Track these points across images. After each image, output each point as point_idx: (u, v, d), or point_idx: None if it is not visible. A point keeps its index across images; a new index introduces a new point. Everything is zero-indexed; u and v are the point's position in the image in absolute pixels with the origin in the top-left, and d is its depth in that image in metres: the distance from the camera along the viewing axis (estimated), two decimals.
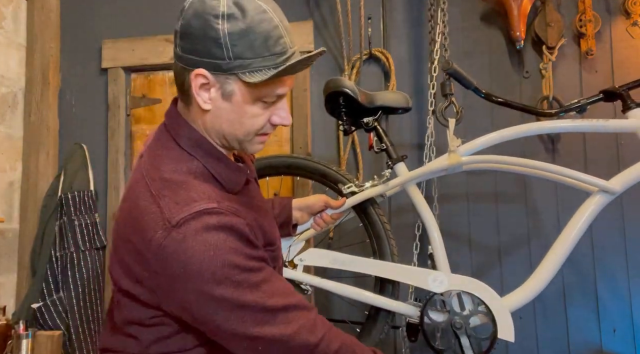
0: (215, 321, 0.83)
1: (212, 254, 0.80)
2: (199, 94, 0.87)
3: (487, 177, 1.93)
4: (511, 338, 1.30)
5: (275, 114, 0.93)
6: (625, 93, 1.35)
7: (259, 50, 0.84)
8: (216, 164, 0.93)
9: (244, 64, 0.84)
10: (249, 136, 0.92)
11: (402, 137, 2.02)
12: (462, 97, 1.96)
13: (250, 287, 0.83)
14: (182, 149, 0.92)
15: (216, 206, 0.84)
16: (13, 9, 2.22)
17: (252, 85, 0.86)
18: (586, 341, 1.79)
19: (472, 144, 1.40)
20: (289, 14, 2.11)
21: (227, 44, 0.83)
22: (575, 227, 1.35)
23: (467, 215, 1.94)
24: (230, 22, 0.82)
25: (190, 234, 0.80)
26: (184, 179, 0.88)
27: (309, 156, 2.06)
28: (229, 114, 0.90)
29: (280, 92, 0.91)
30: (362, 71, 2.06)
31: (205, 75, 0.85)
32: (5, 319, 1.99)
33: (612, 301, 1.77)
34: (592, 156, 1.85)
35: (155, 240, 0.81)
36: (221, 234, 0.82)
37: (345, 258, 1.45)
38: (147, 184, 0.88)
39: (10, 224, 2.15)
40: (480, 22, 2.00)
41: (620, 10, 1.87)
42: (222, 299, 0.81)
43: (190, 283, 0.81)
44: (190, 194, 0.85)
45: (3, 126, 2.14)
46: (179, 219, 0.81)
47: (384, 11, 2.08)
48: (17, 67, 2.23)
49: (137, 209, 0.86)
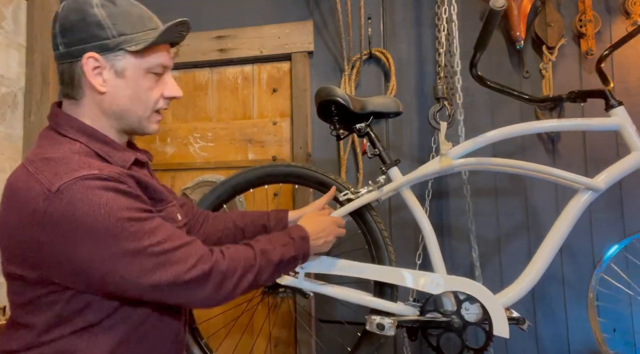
0: (117, 274, 0.85)
1: (102, 212, 0.83)
2: (94, 78, 0.94)
3: (487, 173, 1.94)
4: (506, 334, 1.35)
5: (166, 88, 1.02)
6: (608, 92, 1.40)
7: (137, 26, 0.96)
8: (101, 145, 0.96)
9: (128, 39, 0.94)
10: (147, 112, 1.00)
11: (402, 137, 2.02)
12: (463, 96, 1.96)
13: (145, 234, 0.87)
14: (63, 135, 0.95)
15: (97, 172, 0.86)
16: (13, 9, 2.22)
17: (139, 56, 0.95)
18: (586, 341, 1.79)
19: (462, 147, 1.45)
20: (289, 14, 2.14)
21: (108, 25, 0.93)
22: (562, 224, 1.39)
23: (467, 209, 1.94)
24: (105, 8, 0.93)
25: (74, 197, 0.82)
26: (65, 155, 0.89)
27: (308, 156, 2.07)
28: (126, 91, 0.97)
29: (164, 62, 1.00)
30: (362, 71, 2.06)
31: (95, 57, 0.93)
32: (5, 319, 1.99)
33: (612, 301, 1.77)
34: (592, 155, 1.85)
35: (39, 210, 0.82)
36: (108, 194, 0.85)
37: (345, 264, 1.48)
38: (24, 168, 0.89)
39: None
40: (481, 22, 2.00)
41: (620, 10, 1.87)
42: (121, 252, 0.84)
43: (85, 243, 0.83)
44: (70, 165, 0.86)
45: (3, 126, 2.14)
46: (59, 185, 0.82)
47: (384, 11, 2.08)
48: (17, 67, 2.23)
49: (15, 190, 0.87)
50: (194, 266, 0.91)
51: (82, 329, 0.90)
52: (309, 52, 2.10)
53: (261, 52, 2.13)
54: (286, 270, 1.15)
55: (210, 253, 0.98)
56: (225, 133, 2.17)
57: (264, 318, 2.07)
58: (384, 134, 2.02)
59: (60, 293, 0.88)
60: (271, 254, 1.09)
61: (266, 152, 2.13)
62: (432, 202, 1.91)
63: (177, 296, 0.91)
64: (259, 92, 2.19)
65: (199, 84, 2.25)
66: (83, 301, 0.89)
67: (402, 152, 2.01)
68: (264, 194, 2.11)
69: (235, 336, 2.08)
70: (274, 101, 2.17)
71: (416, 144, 2.00)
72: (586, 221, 1.84)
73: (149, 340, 0.97)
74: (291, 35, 2.10)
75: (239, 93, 2.21)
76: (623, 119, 1.38)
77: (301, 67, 2.10)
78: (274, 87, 2.17)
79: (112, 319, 0.92)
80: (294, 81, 2.11)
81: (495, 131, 1.43)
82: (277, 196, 2.12)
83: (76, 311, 0.90)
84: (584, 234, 1.83)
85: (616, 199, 1.82)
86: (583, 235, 1.83)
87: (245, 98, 2.20)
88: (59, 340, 0.89)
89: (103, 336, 0.91)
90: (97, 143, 0.96)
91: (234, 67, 2.22)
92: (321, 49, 2.12)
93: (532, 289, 1.83)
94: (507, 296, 1.39)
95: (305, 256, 1.20)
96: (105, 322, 0.91)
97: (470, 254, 1.83)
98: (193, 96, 2.24)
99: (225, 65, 2.22)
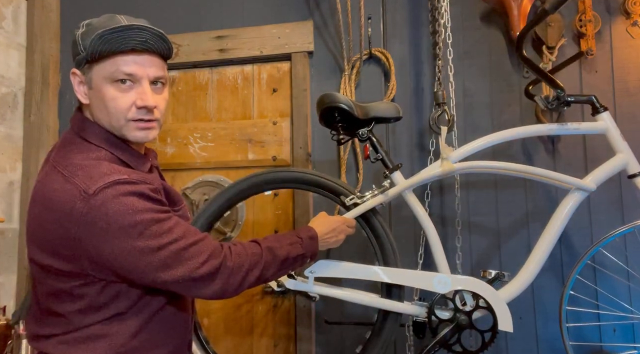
0: (140, 267, 0.96)
1: (130, 213, 0.93)
2: (78, 91, 1.05)
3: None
4: (510, 329, 1.43)
5: (138, 98, 1.03)
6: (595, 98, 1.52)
7: (100, 39, 0.99)
8: (123, 152, 1.05)
9: (93, 51, 0.99)
10: (119, 121, 1.03)
11: (402, 137, 2.02)
12: (462, 96, 1.97)
13: (165, 233, 0.97)
14: (90, 142, 1.04)
15: (127, 177, 0.97)
16: (13, 9, 2.22)
17: (99, 66, 1.00)
18: (586, 341, 1.79)
19: (462, 151, 1.53)
20: (289, 14, 2.14)
21: (79, 41, 1.02)
22: (556, 222, 1.50)
23: (466, 202, 1.94)
24: (81, 29, 1.04)
25: (108, 199, 0.93)
26: (94, 162, 0.99)
27: (308, 156, 2.06)
28: (95, 101, 1.03)
29: (126, 70, 1.01)
30: (362, 71, 2.06)
31: (75, 72, 1.05)
32: (5, 319, 1.99)
33: (612, 301, 1.77)
34: (592, 156, 1.85)
35: (77, 210, 0.92)
36: (134, 198, 0.95)
37: (354, 267, 1.54)
38: (58, 171, 0.98)
39: (10, 224, 2.16)
40: (480, 22, 2.00)
41: (620, 10, 1.87)
42: (144, 247, 0.95)
43: (115, 239, 0.93)
44: (102, 170, 0.97)
45: (3, 126, 2.14)
46: (95, 188, 0.93)
47: (384, 11, 2.08)
48: (17, 67, 2.23)
49: (50, 192, 0.96)
50: (205, 262, 1.01)
51: (113, 316, 1.00)
52: (309, 52, 2.10)
53: (261, 52, 2.13)
54: (293, 267, 1.23)
55: (221, 249, 1.06)
56: (225, 133, 2.16)
57: (264, 317, 2.07)
58: (385, 134, 2.02)
59: (92, 285, 0.98)
60: (278, 251, 1.17)
61: (266, 152, 2.13)
62: (433, 199, 1.91)
63: (189, 288, 1.01)
64: (259, 92, 2.19)
65: (199, 84, 2.25)
66: (113, 291, 0.99)
67: (402, 152, 2.01)
68: (263, 197, 2.11)
69: (235, 336, 2.08)
70: (274, 101, 2.17)
71: (416, 143, 2.00)
72: (586, 221, 1.84)
73: (165, 324, 1.07)
74: (291, 35, 2.10)
75: (239, 93, 2.21)
76: (608, 123, 1.50)
77: (301, 67, 2.10)
78: (274, 87, 2.17)
79: (136, 307, 1.02)
80: (294, 81, 2.11)
81: (492, 135, 1.54)
82: (277, 196, 2.12)
83: (107, 300, 0.99)
84: (584, 233, 1.83)
85: (617, 197, 1.82)
86: (583, 234, 1.83)
87: (245, 98, 2.20)
88: (91, 326, 0.99)
89: (129, 321, 1.01)
90: (118, 150, 1.05)
91: (234, 67, 2.22)
92: (321, 49, 2.11)
93: (532, 289, 1.84)
94: (509, 292, 1.48)
95: (313, 254, 1.28)
96: (131, 310, 1.01)
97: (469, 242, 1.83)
98: (193, 96, 2.24)
99: (225, 65, 2.22)
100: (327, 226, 1.36)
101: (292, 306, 2.04)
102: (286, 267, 1.19)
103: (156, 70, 1.04)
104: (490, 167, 1.53)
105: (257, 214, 2.13)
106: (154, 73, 1.04)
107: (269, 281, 1.20)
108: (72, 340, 0.99)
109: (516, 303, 1.81)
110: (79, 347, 0.99)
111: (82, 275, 0.97)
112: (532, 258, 1.50)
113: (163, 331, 1.07)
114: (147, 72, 1.03)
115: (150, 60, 1.03)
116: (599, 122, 1.51)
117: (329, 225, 1.37)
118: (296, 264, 1.23)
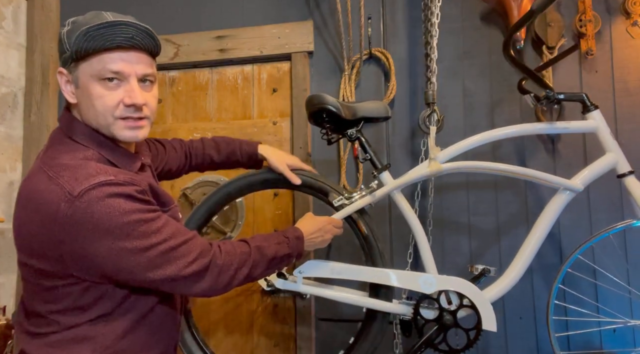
0: (127, 268, 0.95)
1: (117, 215, 0.92)
2: (65, 90, 1.04)
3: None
4: (493, 328, 1.44)
5: (126, 96, 1.01)
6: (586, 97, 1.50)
7: (85, 36, 0.98)
8: (110, 152, 1.04)
9: (79, 49, 0.97)
10: (107, 119, 1.01)
11: (402, 137, 2.02)
12: (462, 96, 1.97)
13: (153, 233, 0.97)
14: (77, 142, 1.02)
15: (113, 178, 0.95)
16: (13, 9, 2.22)
17: (86, 64, 0.98)
18: (586, 341, 1.79)
19: (450, 151, 1.53)
20: (289, 14, 2.14)
21: (64, 39, 1.00)
22: (543, 223, 1.51)
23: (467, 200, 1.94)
24: (66, 27, 1.02)
25: (93, 201, 0.91)
26: (81, 162, 0.97)
27: (308, 156, 2.07)
28: (82, 99, 1.02)
29: (112, 68, 0.99)
30: (362, 71, 2.06)
31: (62, 71, 1.03)
32: (5, 319, 1.99)
33: (613, 301, 1.77)
34: (592, 156, 1.84)
35: (61, 212, 0.91)
36: (120, 199, 0.94)
37: (342, 267, 1.54)
38: (44, 171, 0.97)
39: (10, 224, 2.15)
40: (480, 22, 2.00)
41: (620, 10, 1.87)
42: (133, 248, 0.94)
43: (101, 241, 0.92)
44: (88, 171, 0.95)
45: (3, 126, 2.14)
46: (80, 190, 0.91)
47: (384, 11, 2.08)
48: (17, 67, 2.23)
49: (35, 192, 0.95)
50: (195, 260, 1.01)
51: (98, 318, 0.99)
52: (308, 52, 2.10)
53: (261, 52, 2.13)
54: (280, 267, 1.25)
55: (209, 247, 1.06)
56: (225, 133, 2.16)
57: (264, 317, 2.07)
58: (385, 135, 2.02)
59: (76, 285, 0.97)
60: (265, 250, 1.18)
61: None
62: (424, 199, 1.91)
63: (179, 287, 1.01)
64: (259, 92, 2.19)
65: (199, 84, 2.25)
66: (98, 292, 0.98)
67: (402, 152, 2.01)
68: (264, 194, 2.11)
69: (235, 336, 2.08)
70: (274, 101, 2.17)
71: (416, 143, 2.00)
72: (586, 221, 1.84)
73: (152, 327, 1.07)
74: (291, 35, 2.10)
75: (239, 93, 2.21)
76: (599, 122, 1.48)
77: (301, 67, 2.10)
78: (274, 87, 2.17)
79: (122, 308, 1.02)
80: (294, 81, 2.11)
81: (481, 135, 1.54)
82: (277, 196, 2.12)
83: (92, 301, 0.98)
84: (584, 233, 1.83)
85: (616, 198, 1.82)
86: (585, 234, 1.83)
87: (245, 98, 2.20)
88: (75, 327, 0.98)
89: (115, 323, 1.01)
90: (106, 150, 1.03)
91: (234, 67, 2.22)
92: (321, 49, 2.11)
93: (532, 289, 1.84)
94: (493, 292, 1.48)
95: (299, 254, 1.30)
96: (117, 310, 1.01)
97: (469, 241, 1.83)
98: (193, 96, 2.24)
99: (225, 65, 2.22)
100: (313, 226, 1.37)
101: (292, 306, 2.04)
102: (273, 266, 1.21)
103: (144, 67, 1.02)
104: (478, 167, 1.54)
105: (257, 214, 2.13)
106: (141, 70, 1.02)
107: (257, 280, 1.21)
108: (55, 342, 0.98)
109: (516, 302, 1.81)
110: (63, 349, 0.98)
111: (66, 276, 0.96)
112: (518, 258, 1.50)
113: (151, 333, 1.07)
114: (134, 70, 1.00)
115: (137, 57, 1.01)
116: (589, 121, 1.49)
117: (315, 225, 1.38)
118: (283, 264, 1.24)
